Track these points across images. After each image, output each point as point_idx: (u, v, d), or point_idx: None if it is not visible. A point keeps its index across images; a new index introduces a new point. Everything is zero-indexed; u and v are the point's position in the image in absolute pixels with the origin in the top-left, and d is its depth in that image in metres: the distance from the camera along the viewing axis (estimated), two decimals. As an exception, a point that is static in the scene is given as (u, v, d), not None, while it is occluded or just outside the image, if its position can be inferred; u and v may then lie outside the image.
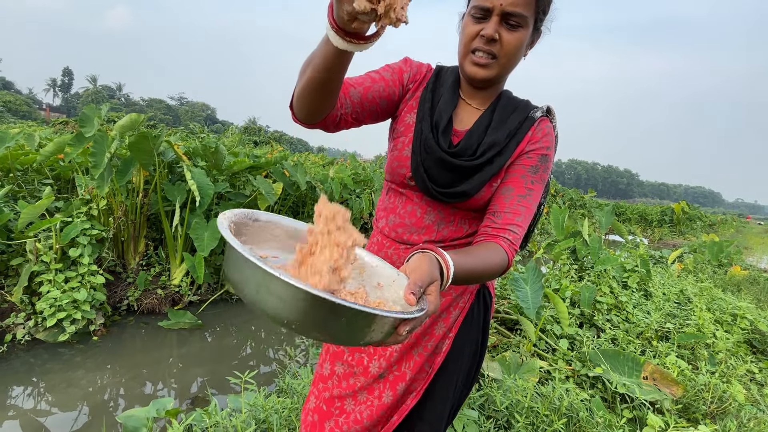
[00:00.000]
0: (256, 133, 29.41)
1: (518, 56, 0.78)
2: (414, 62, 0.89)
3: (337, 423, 0.86)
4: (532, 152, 0.80)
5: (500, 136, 0.79)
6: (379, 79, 0.82)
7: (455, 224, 0.84)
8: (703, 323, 2.60)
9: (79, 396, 2.33)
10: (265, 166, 4.25)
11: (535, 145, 0.81)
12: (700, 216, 15.42)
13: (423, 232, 0.84)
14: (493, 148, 0.79)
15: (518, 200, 0.77)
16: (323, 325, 0.43)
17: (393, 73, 0.85)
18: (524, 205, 0.77)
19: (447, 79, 0.86)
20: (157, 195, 3.47)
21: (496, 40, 0.74)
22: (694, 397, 1.88)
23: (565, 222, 3.80)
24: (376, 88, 0.81)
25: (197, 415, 1.51)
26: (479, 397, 1.72)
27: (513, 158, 0.81)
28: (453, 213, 0.84)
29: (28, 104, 41.48)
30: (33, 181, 3.77)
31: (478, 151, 0.79)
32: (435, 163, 0.80)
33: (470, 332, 0.89)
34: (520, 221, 0.76)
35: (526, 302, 2.25)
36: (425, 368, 0.87)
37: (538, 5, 0.74)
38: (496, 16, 0.73)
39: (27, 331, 2.73)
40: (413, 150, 0.81)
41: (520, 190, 0.78)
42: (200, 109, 79.74)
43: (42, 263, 2.77)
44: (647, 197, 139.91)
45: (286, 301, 0.42)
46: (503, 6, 0.71)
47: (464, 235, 0.85)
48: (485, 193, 0.80)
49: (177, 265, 3.63)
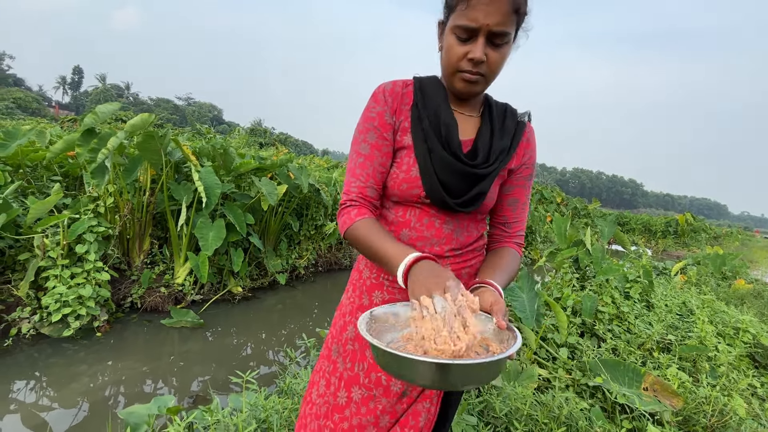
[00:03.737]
0: (262, 135, 29.58)
1: (502, 69, 0.79)
2: (386, 91, 0.85)
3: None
4: (528, 161, 0.88)
5: (506, 141, 0.85)
6: (375, 154, 0.83)
7: (468, 230, 0.88)
8: (705, 336, 2.59)
9: (81, 391, 2.35)
10: (270, 168, 4.29)
11: (530, 154, 0.88)
12: (704, 228, 15.32)
13: (444, 242, 0.84)
14: (502, 153, 0.84)
15: (522, 209, 0.90)
16: (451, 380, 0.54)
17: (381, 128, 0.84)
18: (526, 211, 0.92)
19: (434, 92, 0.84)
20: (163, 194, 3.51)
21: (483, 61, 0.74)
22: (695, 409, 1.87)
23: (568, 231, 3.80)
24: (382, 164, 0.84)
25: (198, 414, 1.52)
26: (478, 403, 1.72)
27: (514, 164, 0.87)
28: (467, 219, 0.87)
29: (37, 101, 41.94)
30: (42, 177, 3.82)
31: (490, 158, 0.82)
32: (455, 177, 0.80)
33: None
34: (524, 225, 0.91)
35: (524, 312, 2.25)
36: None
37: (518, 20, 0.74)
38: (481, 38, 0.72)
39: (32, 325, 2.76)
40: (423, 170, 0.80)
41: (523, 199, 0.90)
42: (207, 109, 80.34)
43: (49, 259, 2.81)
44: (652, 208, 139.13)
45: (423, 371, 0.53)
46: (489, 26, 0.71)
47: (475, 239, 0.90)
48: (492, 197, 0.86)
49: (181, 264, 3.66)
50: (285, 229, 5.00)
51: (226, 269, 3.95)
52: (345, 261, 5.77)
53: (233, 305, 3.89)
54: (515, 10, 0.71)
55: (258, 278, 4.41)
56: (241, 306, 3.91)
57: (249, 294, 4.11)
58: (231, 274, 4.01)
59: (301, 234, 5.17)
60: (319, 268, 5.33)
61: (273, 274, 4.43)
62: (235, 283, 3.97)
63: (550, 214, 10.09)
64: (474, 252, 0.89)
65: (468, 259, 0.88)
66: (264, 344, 3.30)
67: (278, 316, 3.89)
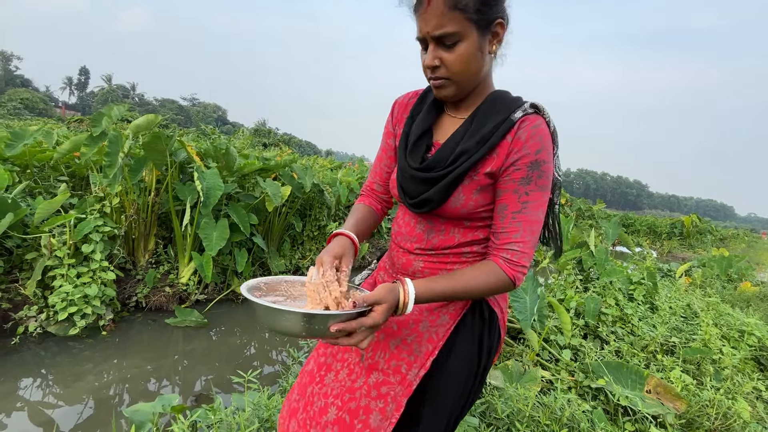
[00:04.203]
0: (266, 135, 29.72)
1: (472, 66, 0.76)
2: (396, 102, 0.97)
3: (318, 388, 0.88)
4: (519, 161, 0.76)
5: (471, 143, 0.78)
6: (382, 156, 1.01)
7: (446, 233, 0.86)
8: (710, 338, 2.57)
9: (87, 389, 2.37)
10: (274, 169, 4.31)
11: (520, 153, 0.76)
12: (710, 230, 15.18)
13: (415, 240, 0.89)
14: (463, 156, 0.78)
15: (513, 217, 0.77)
16: (284, 325, 0.67)
17: (385, 136, 1.00)
18: (521, 220, 0.76)
19: (430, 97, 0.90)
20: (168, 194, 3.54)
21: (438, 66, 0.76)
22: (698, 412, 1.87)
23: (572, 232, 3.79)
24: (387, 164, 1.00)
25: (202, 413, 1.54)
26: (480, 404, 1.72)
27: (494, 167, 0.78)
28: (442, 223, 0.86)
29: (44, 102, 42.34)
30: (49, 177, 3.87)
31: (449, 161, 0.80)
32: (409, 181, 0.86)
33: (465, 342, 0.86)
34: (519, 237, 0.76)
35: (524, 313, 2.23)
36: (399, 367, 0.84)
37: (468, 14, 0.71)
38: (430, 44, 0.75)
39: (39, 324, 2.79)
40: (397, 174, 0.91)
41: (515, 206, 0.77)
42: (212, 110, 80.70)
43: (56, 258, 2.84)
44: (657, 209, 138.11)
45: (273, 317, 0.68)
46: (430, 33, 0.73)
47: (456, 244, 0.86)
48: (463, 202, 0.80)
49: (185, 264, 3.69)
50: (288, 229, 5.02)
51: (230, 269, 3.98)
52: (348, 261, 5.77)
53: (237, 305, 3.91)
54: (453, 6, 0.71)
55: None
56: (245, 306, 3.93)
57: (252, 294, 4.13)
58: (235, 274, 4.04)
59: (304, 234, 5.19)
60: (323, 268, 5.34)
61: (276, 274, 4.44)
62: (238, 283, 4.00)
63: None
64: (457, 256, 0.87)
65: (446, 261, 0.87)
66: (267, 344, 3.32)
67: (281, 316, 3.91)
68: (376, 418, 0.79)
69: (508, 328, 2.74)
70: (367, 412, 0.80)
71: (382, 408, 0.80)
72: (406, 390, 0.82)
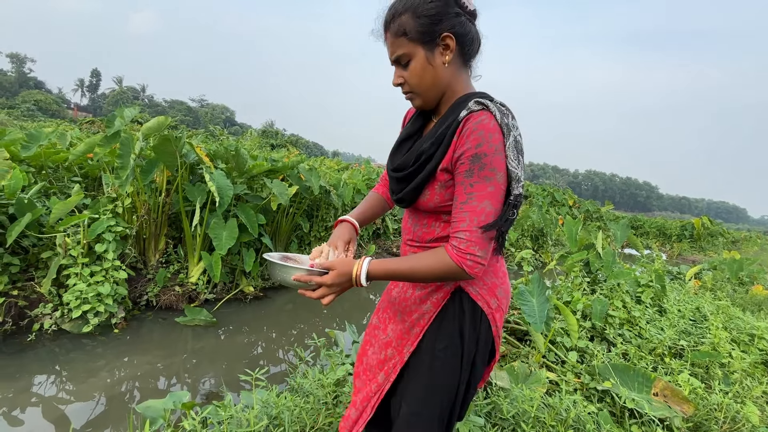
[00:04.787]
0: (273, 137, 29.92)
1: (426, 77, 0.88)
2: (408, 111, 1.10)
3: (366, 352, 1.14)
4: (462, 156, 0.83)
5: (426, 145, 0.90)
6: None
7: (427, 227, 0.97)
8: (719, 342, 2.55)
9: (99, 386, 2.43)
10: (282, 170, 4.35)
11: (463, 148, 0.83)
12: (722, 232, 14.94)
13: (407, 233, 1.04)
14: (421, 157, 0.90)
15: (461, 207, 0.84)
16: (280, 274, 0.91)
17: None
18: (467, 210, 0.83)
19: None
20: (178, 195, 3.60)
21: (402, 83, 0.92)
22: (706, 416, 1.85)
23: (579, 234, 3.78)
24: None
25: (212, 409, 1.57)
26: (486, 404, 1.73)
27: (446, 164, 0.87)
28: (424, 217, 0.98)
29: (57, 103, 43.13)
30: (63, 178, 3.95)
31: (411, 162, 0.93)
32: (392, 180, 1.00)
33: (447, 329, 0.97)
34: (465, 226, 0.83)
35: (533, 316, 2.24)
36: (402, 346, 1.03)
37: (414, 36, 0.85)
38: (394, 66, 0.92)
39: (54, 321, 2.86)
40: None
41: (461, 197, 0.85)
42: (220, 111, 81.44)
43: (70, 257, 2.91)
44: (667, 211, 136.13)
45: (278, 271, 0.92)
46: (390, 57, 0.91)
47: (437, 236, 0.96)
48: (428, 197, 0.92)
49: (195, 264, 3.74)
50: (296, 230, 5.07)
51: (238, 269, 4.03)
52: (355, 262, 5.80)
53: (245, 304, 3.96)
54: (398, 33, 0.86)
55: (269, 278, 4.48)
56: (253, 305, 3.98)
57: (260, 293, 4.18)
58: (243, 274, 4.09)
59: (311, 235, 5.23)
60: (330, 269, 5.38)
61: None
62: (246, 283, 4.05)
63: (561, 217, 9.99)
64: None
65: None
66: (274, 343, 3.36)
67: (288, 315, 3.94)
68: (380, 377, 1.06)
69: (513, 330, 2.74)
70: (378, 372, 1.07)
71: (386, 371, 1.05)
72: (401, 361, 1.02)
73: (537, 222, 8.06)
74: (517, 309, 3.06)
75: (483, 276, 0.96)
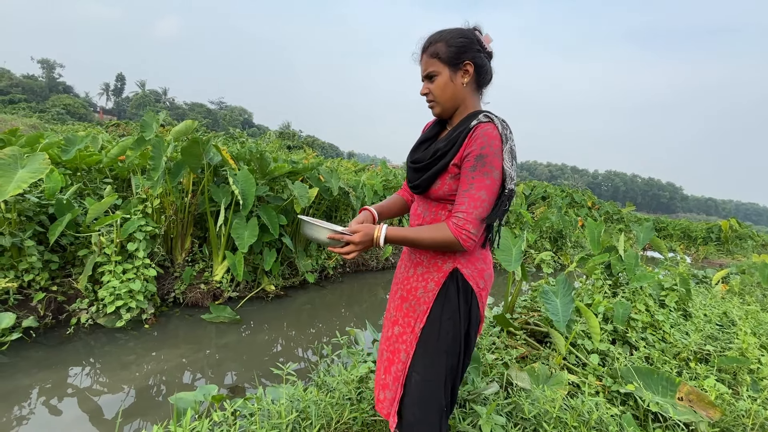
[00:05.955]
0: (290, 138, 30.37)
1: (446, 91, 1.12)
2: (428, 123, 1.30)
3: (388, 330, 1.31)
4: (469, 155, 1.05)
5: (441, 145, 1.12)
6: None
7: (435, 213, 1.17)
8: (747, 347, 2.48)
9: (131, 378, 2.55)
10: (302, 172, 4.44)
11: (470, 148, 1.05)
12: (751, 235, 14.34)
13: (416, 218, 1.24)
14: (437, 153, 1.12)
15: (462, 194, 1.06)
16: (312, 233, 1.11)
17: None
18: (467, 196, 1.05)
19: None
20: (204, 196, 3.73)
21: (427, 93, 1.15)
22: (733, 422, 1.82)
23: (601, 236, 3.73)
24: None
25: (242, 402, 1.64)
26: (507, 404, 1.75)
27: (457, 160, 1.08)
28: (433, 205, 1.17)
29: (84, 107, 44.77)
30: (95, 179, 4.14)
31: (428, 156, 1.14)
32: (410, 170, 1.22)
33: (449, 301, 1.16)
34: (464, 208, 1.04)
35: (556, 315, 2.25)
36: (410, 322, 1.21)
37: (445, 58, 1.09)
38: (424, 81, 1.16)
39: (90, 316, 3.01)
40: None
41: (464, 185, 1.06)
42: (238, 113, 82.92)
43: (104, 255, 3.05)
44: (692, 212, 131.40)
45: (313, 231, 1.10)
46: (422, 74, 1.15)
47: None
48: (439, 185, 1.12)
49: (219, 263, 3.87)
50: (315, 230, 5.15)
51: (260, 268, 4.13)
52: (372, 262, 5.86)
53: (267, 302, 4.06)
54: (434, 56, 1.10)
55: (290, 277, 4.58)
56: (274, 303, 4.08)
57: (281, 292, 4.28)
58: (264, 273, 4.19)
59: (329, 235, 5.30)
60: (347, 269, 5.45)
61: (303, 273, 4.58)
62: (268, 282, 4.15)
63: (581, 219, 9.81)
64: None
65: None
66: (294, 341, 3.44)
67: (308, 314, 4.03)
68: (402, 355, 1.22)
69: (533, 331, 2.74)
70: (397, 352, 1.24)
71: (405, 349, 1.22)
72: (414, 337, 1.20)
73: (556, 223, 7.95)
74: (537, 311, 3.05)
75: (474, 261, 1.17)
